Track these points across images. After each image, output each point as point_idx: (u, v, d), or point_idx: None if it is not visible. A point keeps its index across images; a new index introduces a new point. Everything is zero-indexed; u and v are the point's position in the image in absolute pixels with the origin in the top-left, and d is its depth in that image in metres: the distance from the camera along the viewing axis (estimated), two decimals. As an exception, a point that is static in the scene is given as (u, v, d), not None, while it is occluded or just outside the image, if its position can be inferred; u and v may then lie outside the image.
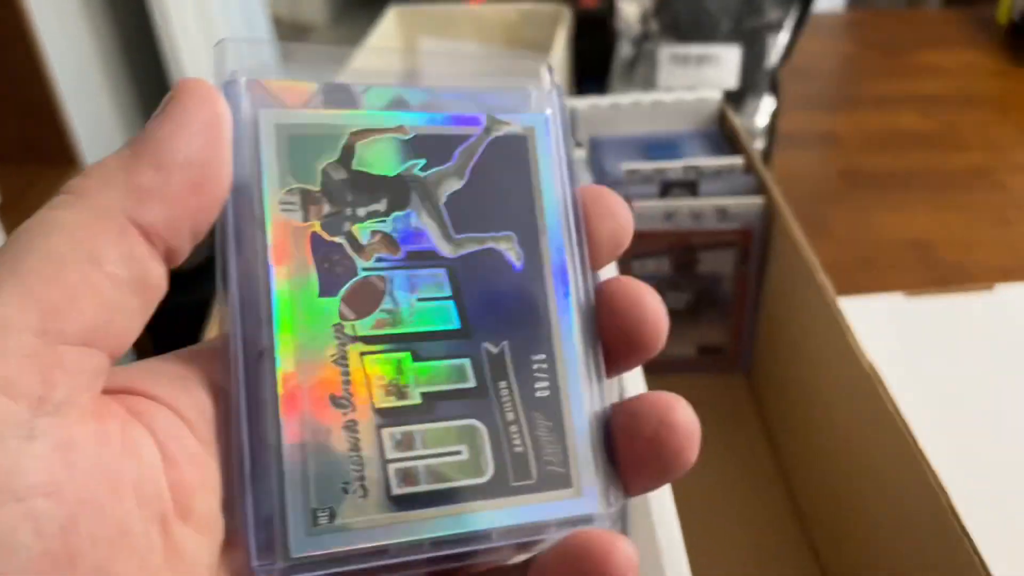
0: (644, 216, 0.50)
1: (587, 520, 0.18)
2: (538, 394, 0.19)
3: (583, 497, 0.18)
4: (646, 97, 0.56)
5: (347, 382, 0.17)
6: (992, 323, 0.64)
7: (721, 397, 0.53)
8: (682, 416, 0.18)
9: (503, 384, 0.18)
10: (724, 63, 0.83)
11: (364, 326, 0.18)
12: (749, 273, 0.51)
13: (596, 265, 0.20)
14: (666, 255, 0.52)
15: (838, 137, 0.94)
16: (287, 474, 0.16)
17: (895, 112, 0.98)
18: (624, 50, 0.86)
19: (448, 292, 0.18)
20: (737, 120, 0.55)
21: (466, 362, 0.18)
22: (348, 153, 0.18)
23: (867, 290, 0.71)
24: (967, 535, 0.31)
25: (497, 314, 0.19)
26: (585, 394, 0.19)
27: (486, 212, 0.19)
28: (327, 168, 0.18)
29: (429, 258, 0.18)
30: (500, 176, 0.19)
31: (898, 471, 0.36)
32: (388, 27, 0.93)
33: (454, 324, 0.18)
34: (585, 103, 0.56)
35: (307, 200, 0.18)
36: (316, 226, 0.18)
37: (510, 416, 0.18)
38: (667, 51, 0.84)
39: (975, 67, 1.05)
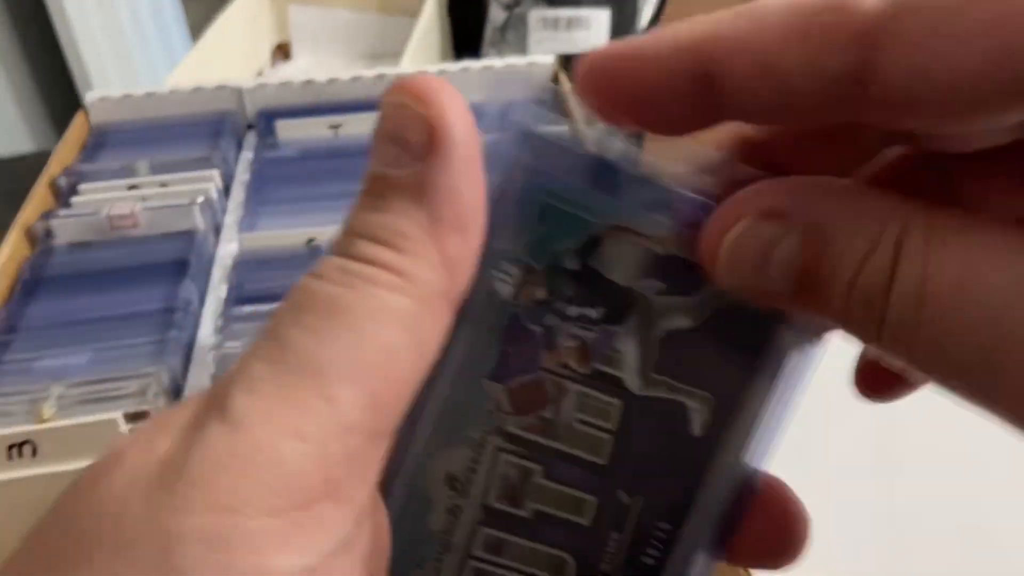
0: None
1: None
2: (643, 559, 0.18)
3: None
4: (475, 64, 0.54)
5: (471, 469, 0.17)
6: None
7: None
8: None
9: (615, 535, 0.18)
10: (594, 26, 0.80)
11: (514, 423, 0.17)
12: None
13: None
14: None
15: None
16: None
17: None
18: (496, 15, 0.83)
19: (612, 426, 0.17)
20: (567, 86, 0.52)
21: (591, 499, 0.18)
22: (592, 245, 0.17)
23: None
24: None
25: (648, 468, 0.18)
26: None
27: (696, 365, 0.17)
28: (563, 252, 0.16)
29: (613, 384, 0.17)
30: (734, 338, 0.17)
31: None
32: (252, -5, 0.88)
33: (601, 459, 0.17)
34: (408, 71, 0.53)
35: (526, 278, 0.17)
36: (521, 308, 0.17)
37: (605, 568, 0.18)
38: (537, 15, 0.81)
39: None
